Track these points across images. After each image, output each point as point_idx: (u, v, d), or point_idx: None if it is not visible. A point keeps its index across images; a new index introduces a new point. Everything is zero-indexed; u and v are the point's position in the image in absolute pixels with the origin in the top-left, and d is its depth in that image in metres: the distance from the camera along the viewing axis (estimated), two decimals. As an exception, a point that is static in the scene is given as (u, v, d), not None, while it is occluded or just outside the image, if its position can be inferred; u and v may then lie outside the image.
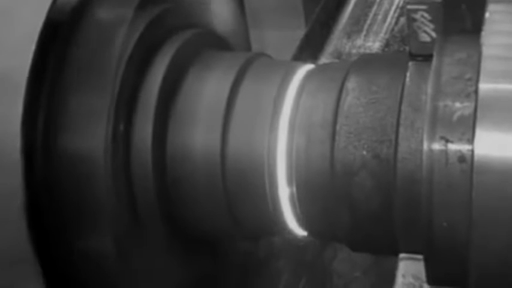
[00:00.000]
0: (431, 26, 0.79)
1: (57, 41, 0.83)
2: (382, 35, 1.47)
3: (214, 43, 1.01)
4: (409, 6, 0.79)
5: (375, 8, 1.52)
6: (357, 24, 1.51)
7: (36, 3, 0.81)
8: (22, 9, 0.81)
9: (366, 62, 0.88)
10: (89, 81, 0.82)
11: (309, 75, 0.90)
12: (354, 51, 1.46)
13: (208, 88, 0.90)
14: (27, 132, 0.78)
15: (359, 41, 1.48)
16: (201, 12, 1.03)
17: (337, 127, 0.82)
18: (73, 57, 0.83)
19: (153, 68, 0.88)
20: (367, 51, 1.45)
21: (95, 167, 0.81)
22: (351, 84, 0.84)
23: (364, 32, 1.49)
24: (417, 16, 0.79)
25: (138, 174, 0.87)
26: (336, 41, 1.48)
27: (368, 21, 1.50)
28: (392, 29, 1.47)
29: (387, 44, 1.46)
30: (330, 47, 1.47)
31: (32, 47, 0.78)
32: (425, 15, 0.79)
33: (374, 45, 1.47)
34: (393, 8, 1.51)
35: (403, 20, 1.40)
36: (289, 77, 0.90)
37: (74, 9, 0.85)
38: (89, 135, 0.81)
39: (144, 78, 0.87)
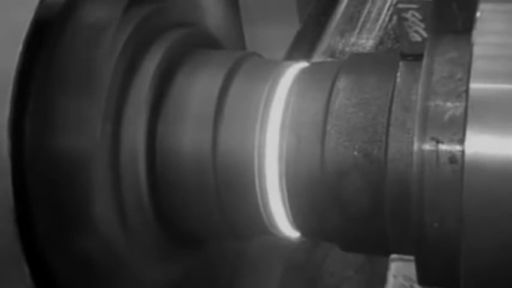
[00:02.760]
0: (422, 25, 0.79)
1: (44, 41, 0.82)
2: (375, 32, 1.47)
3: (205, 42, 1.00)
4: (399, 6, 0.78)
5: (368, 5, 1.52)
6: (351, 22, 1.50)
7: (24, 2, 0.81)
8: (9, 9, 0.80)
9: (357, 62, 0.87)
10: (78, 81, 0.82)
11: (299, 75, 0.90)
12: (347, 49, 1.45)
13: (198, 87, 0.89)
14: (15, 134, 0.78)
15: (352, 39, 1.47)
16: (192, 11, 1.02)
17: (328, 127, 0.82)
18: (61, 57, 0.82)
19: (142, 67, 0.88)
20: (361, 49, 1.45)
21: (83, 168, 0.81)
22: (342, 84, 0.83)
23: (357, 30, 1.48)
24: (408, 15, 0.78)
25: (128, 174, 0.86)
26: (329, 38, 1.48)
27: (361, 19, 1.50)
28: (386, 27, 1.47)
29: (381, 42, 1.46)
30: (323, 45, 1.47)
31: (19, 48, 0.77)
32: (416, 14, 0.78)
33: (367, 42, 1.46)
34: (386, 5, 1.50)
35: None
36: (280, 77, 0.90)
37: (61, 9, 0.84)
38: (78, 135, 0.81)
39: (134, 78, 0.87)
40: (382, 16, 1.50)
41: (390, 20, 1.48)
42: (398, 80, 0.80)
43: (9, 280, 0.80)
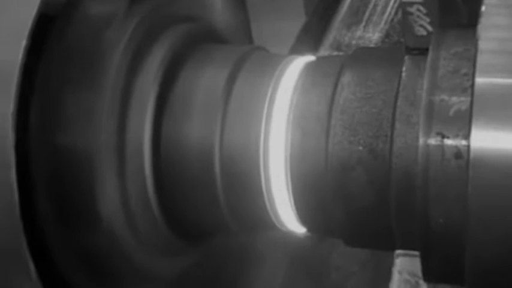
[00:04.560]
0: (427, 19, 0.78)
1: (49, 36, 0.82)
2: (381, 26, 1.46)
3: (211, 36, 1.00)
4: (404, 0, 0.78)
5: (374, -2, 1.51)
6: (357, 15, 1.49)
7: (27, -3, 0.81)
8: (13, 3, 0.80)
9: (362, 56, 0.87)
10: (82, 75, 0.82)
11: (304, 70, 0.89)
12: (353, 42, 1.44)
13: (204, 82, 0.89)
14: (20, 128, 0.78)
15: (359, 32, 1.46)
16: (198, 6, 1.02)
17: (332, 122, 0.81)
18: (65, 51, 0.82)
19: (147, 62, 0.88)
20: (367, 42, 1.44)
21: (88, 162, 0.81)
22: (347, 78, 0.83)
23: (363, 23, 1.48)
24: (413, 9, 0.78)
25: (133, 168, 0.86)
26: (336, 32, 1.47)
27: (368, 12, 1.49)
28: (392, 20, 1.46)
29: (387, 35, 1.45)
30: (329, 38, 1.46)
31: (23, 43, 0.77)
32: (421, 8, 0.78)
33: (374, 36, 1.45)
34: (393, -2, 1.50)
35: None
36: (285, 71, 0.89)
37: (66, 3, 0.84)
38: (82, 130, 0.81)
39: (139, 72, 0.87)
40: (388, 9, 1.49)
41: (396, 13, 1.47)
42: (403, 74, 0.80)
43: (14, 275, 0.80)
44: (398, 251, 1.04)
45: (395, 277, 1.05)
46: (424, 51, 0.78)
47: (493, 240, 0.68)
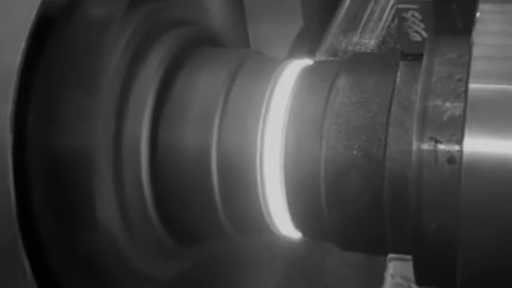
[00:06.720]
0: (422, 25, 0.79)
1: (48, 38, 0.83)
2: (378, 32, 1.46)
3: (208, 40, 1.01)
4: (399, 6, 0.78)
5: (371, 4, 1.51)
6: (353, 21, 1.50)
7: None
8: (13, 5, 0.81)
9: (357, 61, 0.87)
10: (80, 78, 0.82)
11: (300, 74, 0.90)
12: (350, 48, 1.45)
13: (201, 87, 0.90)
14: (17, 129, 0.78)
15: (355, 38, 1.47)
16: (196, 10, 1.03)
17: (327, 126, 0.82)
18: (64, 54, 0.83)
19: (145, 66, 0.88)
20: (363, 48, 1.44)
21: (85, 165, 0.81)
22: (342, 83, 0.84)
23: (360, 29, 1.48)
24: (408, 15, 0.79)
25: (130, 172, 0.86)
26: (332, 37, 1.47)
27: (364, 18, 1.49)
28: (389, 26, 1.46)
29: (383, 42, 1.45)
30: (326, 44, 1.47)
31: (23, 45, 0.77)
32: (416, 14, 0.79)
33: (370, 42, 1.46)
34: (389, 4, 1.50)
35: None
36: (281, 76, 0.90)
37: (65, 6, 0.84)
38: (80, 133, 0.81)
39: (136, 77, 0.87)
40: (385, 16, 1.49)
41: (393, 20, 1.48)
42: (398, 79, 0.80)
43: (10, 277, 0.80)
44: (391, 255, 1.04)
45: (388, 281, 1.05)
46: (419, 57, 0.79)
47: (485, 244, 0.68)
